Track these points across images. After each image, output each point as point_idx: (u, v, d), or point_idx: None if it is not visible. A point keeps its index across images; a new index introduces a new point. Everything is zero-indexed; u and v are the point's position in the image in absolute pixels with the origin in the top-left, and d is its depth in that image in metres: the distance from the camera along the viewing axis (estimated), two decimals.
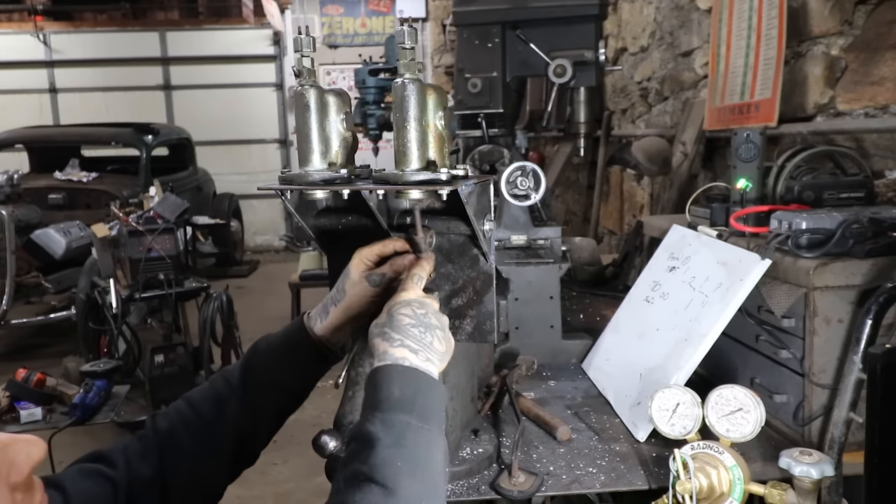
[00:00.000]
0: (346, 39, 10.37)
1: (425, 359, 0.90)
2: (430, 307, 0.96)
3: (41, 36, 10.14)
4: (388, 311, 0.94)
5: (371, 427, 0.81)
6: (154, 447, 1.00)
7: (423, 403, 0.85)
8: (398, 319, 0.92)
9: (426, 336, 0.92)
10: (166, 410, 1.05)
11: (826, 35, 2.22)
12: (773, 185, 1.62)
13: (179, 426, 1.02)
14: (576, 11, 1.98)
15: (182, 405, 1.05)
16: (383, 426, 0.81)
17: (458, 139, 2.32)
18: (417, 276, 1.00)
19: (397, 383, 0.85)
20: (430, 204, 1.11)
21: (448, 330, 0.97)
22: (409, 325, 0.92)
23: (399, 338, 0.90)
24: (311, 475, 3.51)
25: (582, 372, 1.76)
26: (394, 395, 0.84)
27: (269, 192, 1.10)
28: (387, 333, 0.91)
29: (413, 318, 0.93)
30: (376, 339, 0.92)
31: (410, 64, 1.00)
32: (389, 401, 0.83)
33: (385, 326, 0.92)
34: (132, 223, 4.15)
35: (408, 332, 0.91)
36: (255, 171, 10.02)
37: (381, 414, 0.82)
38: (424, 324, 0.93)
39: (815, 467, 1.07)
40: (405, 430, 0.82)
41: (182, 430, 1.02)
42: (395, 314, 0.93)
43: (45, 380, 4.11)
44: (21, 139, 7.50)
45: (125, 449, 0.99)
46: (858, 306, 1.25)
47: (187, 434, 1.02)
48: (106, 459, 0.97)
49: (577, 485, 1.23)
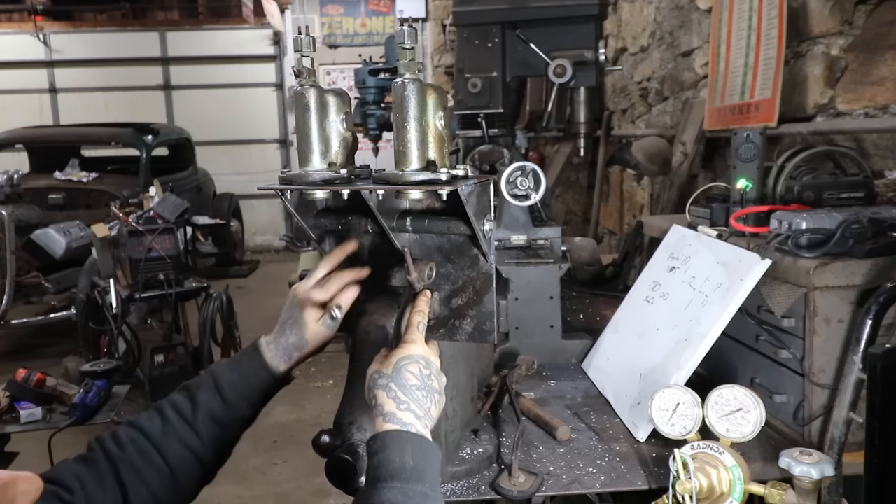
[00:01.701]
0: (346, 39, 10.37)
1: (425, 426, 0.92)
2: (433, 366, 0.96)
3: (41, 36, 10.14)
4: (395, 363, 0.93)
5: (393, 499, 0.83)
6: (109, 472, 0.98)
7: (432, 473, 0.88)
8: (404, 378, 0.92)
9: (427, 401, 0.93)
10: (112, 435, 1.03)
11: (826, 35, 2.22)
12: (773, 185, 1.62)
13: (133, 451, 1.00)
14: (576, 11, 1.98)
15: (132, 432, 1.02)
16: (404, 497, 0.83)
17: (458, 139, 2.32)
18: (420, 322, 1.00)
19: (410, 452, 0.87)
20: (430, 204, 1.11)
21: (444, 391, 0.97)
22: (415, 386, 0.92)
23: (406, 401, 0.91)
24: (311, 475, 3.51)
25: (582, 372, 1.76)
26: (408, 464, 0.86)
27: (269, 192, 1.10)
28: (392, 391, 0.91)
29: (419, 379, 0.93)
30: (380, 392, 0.92)
31: (410, 64, 1.00)
32: (405, 470, 0.85)
33: (391, 382, 0.92)
34: (132, 223, 4.15)
35: (413, 394, 0.91)
36: (255, 171, 10.02)
37: (401, 485, 0.84)
38: (428, 387, 0.93)
39: (815, 467, 1.07)
40: (423, 501, 0.84)
41: (137, 456, 1.00)
42: (402, 371, 0.93)
43: (45, 380, 4.11)
44: (21, 139, 7.50)
45: (77, 474, 0.96)
46: (858, 306, 1.25)
47: (142, 460, 1.00)
48: (61, 484, 0.94)
49: (577, 485, 1.23)
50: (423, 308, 1.03)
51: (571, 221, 6.01)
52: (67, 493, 0.93)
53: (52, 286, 5.28)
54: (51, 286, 5.26)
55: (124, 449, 1.00)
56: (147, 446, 1.01)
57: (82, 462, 0.99)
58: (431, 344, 1.01)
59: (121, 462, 0.99)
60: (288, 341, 1.09)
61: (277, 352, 1.09)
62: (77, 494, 0.93)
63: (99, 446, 1.01)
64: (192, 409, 1.04)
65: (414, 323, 1.00)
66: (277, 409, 4.28)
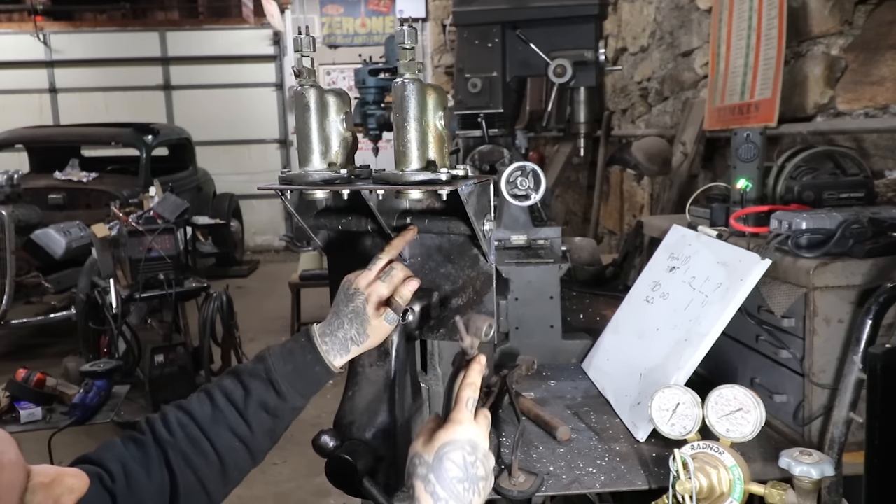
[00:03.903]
0: (346, 39, 10.37)
1: None
2: (480, 449, 0.90)
3: (41, 36, 10.14)
4: (437, 449, 0.88)
5: None
6: (158, 457, 0.96)
7: None
8: (445, 469, 0.87)
9: (468, 493, 0.87)
10: (162, 418, 1.00)
11: (826, 35, 2.22)
12: (773, 185, 1.62)
13: (182, 437, 0.98)
14: (576, 11, 1.98)
15: (181, 416, 1.00)
16: None
17: (458, 139, 2.32)
18: (470, 399, 0.92)
19: None
20: (430, 204, 1.11)
21: (492, 474, 0.92)
22: (456, 478, 0.86)
23: (444, 497, 0.86)
24: (311, 475, 3.51)
25: (582, 372, 1.76)
26: None
27: (269, 192, 1.10)
28: (431, 484, 0.86)
29: (462, 468, 0.87)
30: (418, 483, 0.87)
31: (410, 64, 1.00)
32: None
33: (431, 472, 0.87)
34: (132, 223, 4.15)
35: (453, 488, 0.86)
36: (255, 171, 10.02)
37: None
38: (471, 476, 0.88)
39: (815, 467, 1.07)
40: None
41: (186, 442, 0.98)
42: (444, 460, 0.87)
43: (45, 380, 4.12)
44: (21, 139, 7.49)
45: (121, 458, 0.94)
46: (858, 306, 1.25)
47: (192, 446, 0.98)
48: (104, 467, 0.91)
49: (577, 485, 1.23)
50: (475, 380, 0.94)
51: (571, 221, 6.01)
52: (109, 480, 0.90)
53: (52, 286, 5.28)
54: (51, 286, 5.26)
55: (174, 434, 0.98)
56: (196, 432, 0.98)
57: (132, 444, 0.96)
58: (481, 416, 0.93)
59: (171, 447, 0.97)
60: (347, 335, 1.04)
61: (334, 345, 1.04)
62: (118, 482, 0.91)
63: (149, 429, 0.99)
64: (243, 398, 1.01)
65: (463, 399, 0.91)
66: None
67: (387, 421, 1.06)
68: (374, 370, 1.09)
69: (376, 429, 1.05)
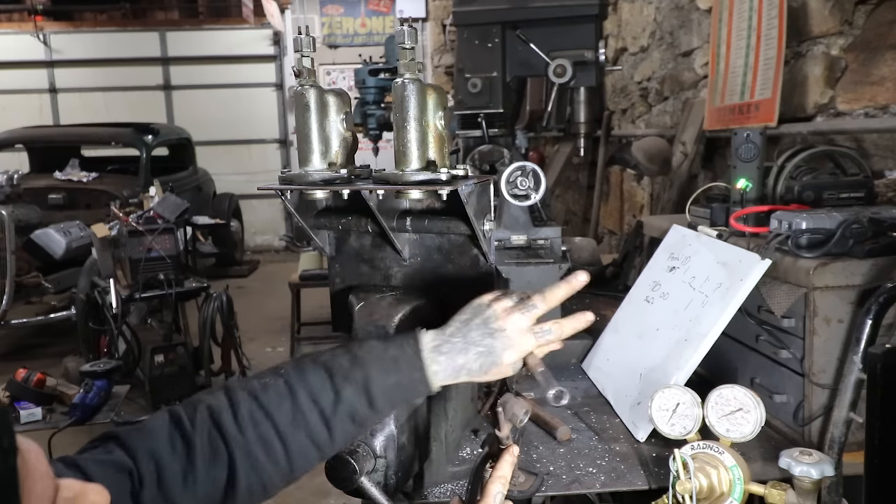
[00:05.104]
0: (346, 39, 10.37)
1: None
2: None
3: (41, 36, 10.14)
4: None
5: None
6: (218, 457, 0.84)
7: None
8: None
9: None
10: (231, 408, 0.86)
11: (826, 35, 2.22)
12: (773, 185, 1.62)
13: (253, 437, 0.86)
14: (576, 11, 1.98)
15: (256, 412, 0.87)
16: None
17: (458, 139, 2.32)
18: (499, 493, 0.84)
19: None
20: (430, 204, 1.11)
21: None
22: None
23: None
24: (312, 475, 3.47)
25: (582, 372, 1.76)
26: None
27: (269, 192, 1.10)
28: None
29: None
30: None
31: (410, 64, 1.00)
32: None
33: None
34: (132, 223, 4.15)
35: None
36: (255, 171, 10.02)
37: None
38: None
39: (815, 467, 1.07)
40: None
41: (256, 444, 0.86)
42: None
43: (45, 380, 4.12)
44: (21, 139, 7.49)
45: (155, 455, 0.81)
46: (858, 306, 1.25)
47: (262, 448, 0.86)
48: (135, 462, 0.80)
49: (577, 485, 1.23)
50: (506, 474, 0.86)
51: (571, 221, 6.01)
52: (138, 484, 0.79)
53: (52, 286, 5.28)
54: (51, 286, 5.26)
55: (245, 433, 0.85)
56: (270, 434, 0.86)
57: (179, 439, 0.83)
58: None
59: (238, 448, 0.84)
60: (465, 365, 0.92)
61: (447, 370, 0.92)
62: (147, 490, 0.79)
63: (211, 421, 0.85)
64: (333, 404, 0.88)
65: (492, 494, 0.84)
66: None
67: (387, 421, 1.06)
68: None
69: (376, 429, 1.05)
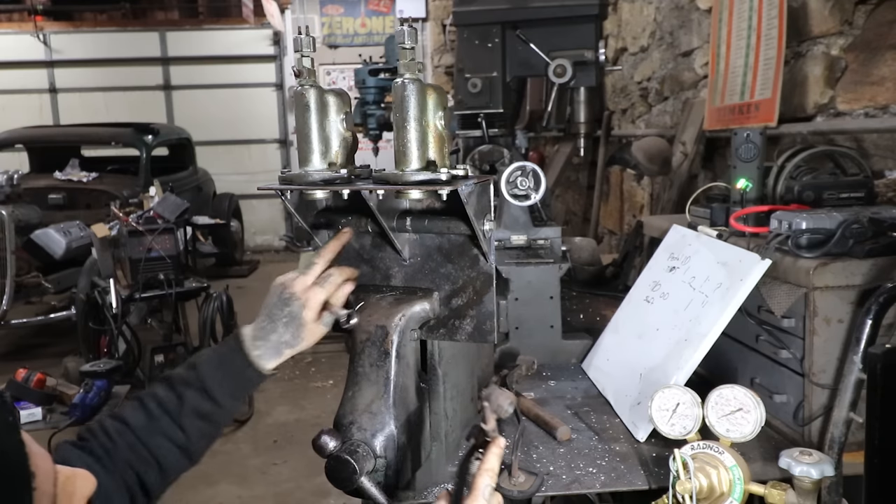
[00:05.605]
0: (346, 39, 10.37)
1: None
2: None
3: (41, 36, 10.14)
4: None
5: None
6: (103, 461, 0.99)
7: None
8: None
9: None
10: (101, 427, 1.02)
11: (826, 35, 2.22)
12: (773, 185, 1.62)
13: (122, 444, 1.01)
14: (576, 11, 1.98)
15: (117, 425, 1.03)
16: None
17: (458, 139, 2.33)
18: (487, 486, 0.85)
19: None
20: (430, 204, 1.11)
21: None
22: None
23: None
24: (311, 475, 3.51)
25: (582, 372, 1.76)
26: None
27: (269, 192, 1.10)
28: None
29: None
30: None
31: (410, 64, 1.00)
32: None
33: None
34: (132, 223, 4.16)
35: None
36: (255, 171, 10.02)
37: None
38: None
39: (815, 467, 1.07)
40: None
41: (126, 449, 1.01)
42: None
43: (45, 380, 4.12)
44: (21, 139, 7.50)
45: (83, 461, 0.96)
46: (858, 306, 1.25)
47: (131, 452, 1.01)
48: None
49: (577, 485, 1.23)
50: (493, 466, 0.87)
51: (571, 221, 6.01)
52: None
53: (52, 286, 5.28)
54: (51, 286, 5.26)
55: (115, 441, 1.01)
56: (132, 439, 1.01)
57: (83, 451, 0.99)
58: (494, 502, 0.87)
59: (114, 453, 1.00)
60: (281, 339, 1.07)
61: (267, 350, 1.07)
62: None
63: (91, 437, 1.01)
64: (177, 406, 1.03)
65: (480, 487, 0.85)
66: (277, 409, 4.28)
67: (387, 421, 1.06)
68: (374, 370, 1.09)
69: (376, 429, 1.05)
